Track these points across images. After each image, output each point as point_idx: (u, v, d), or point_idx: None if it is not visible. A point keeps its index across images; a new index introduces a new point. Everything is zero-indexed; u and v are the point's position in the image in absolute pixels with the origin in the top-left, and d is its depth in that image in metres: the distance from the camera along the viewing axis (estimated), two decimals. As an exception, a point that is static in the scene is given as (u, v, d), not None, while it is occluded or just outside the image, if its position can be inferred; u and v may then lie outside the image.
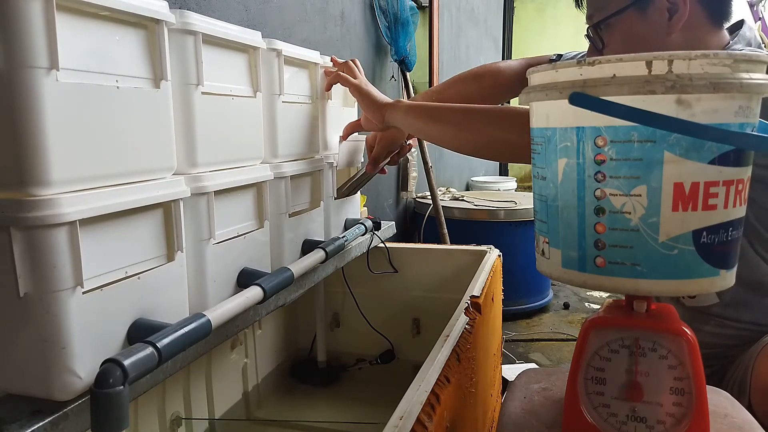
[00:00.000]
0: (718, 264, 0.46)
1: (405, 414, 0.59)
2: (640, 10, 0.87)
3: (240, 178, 0.78)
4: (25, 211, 0.48)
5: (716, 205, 0.43)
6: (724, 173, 0.43)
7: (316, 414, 1.26)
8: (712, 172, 0.43)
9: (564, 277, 0.50)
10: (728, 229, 0.45)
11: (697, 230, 0.44)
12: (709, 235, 0.44)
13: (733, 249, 0.46)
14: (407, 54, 2.33)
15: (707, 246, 0.44)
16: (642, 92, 0.41)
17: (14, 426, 0.47)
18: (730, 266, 0.47)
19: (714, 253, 0.45)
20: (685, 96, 0.42)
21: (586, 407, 0.61)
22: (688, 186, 0.43)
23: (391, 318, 1.41)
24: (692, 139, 0.42)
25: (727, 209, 0.44)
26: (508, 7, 5.93)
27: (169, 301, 0.65)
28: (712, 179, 0.43)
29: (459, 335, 0.81)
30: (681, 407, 0.58)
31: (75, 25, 0.52)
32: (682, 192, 0.43)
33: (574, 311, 2.97)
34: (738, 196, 0.45)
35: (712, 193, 0.43)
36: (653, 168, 0.43)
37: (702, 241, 0.44)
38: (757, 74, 0.42)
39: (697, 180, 0.43)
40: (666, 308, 0.63)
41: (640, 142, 0.43)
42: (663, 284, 0.47)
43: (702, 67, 0.41)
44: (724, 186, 0.43)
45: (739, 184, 0.44)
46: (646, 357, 0.59)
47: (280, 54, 0.87)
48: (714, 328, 0.97)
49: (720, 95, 0.42)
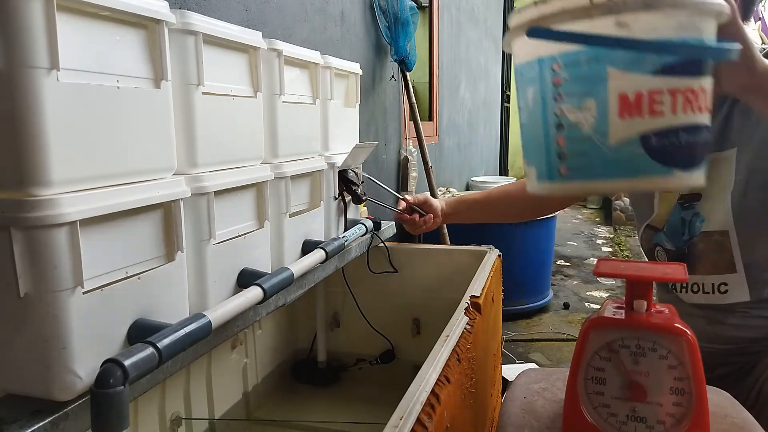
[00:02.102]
0: (670, 163, 0.50)
1: (405, 414, 0.59)
2: None
3: (240, 178, 0.78)
4: (25, 211, 0.48)
5: (663, 111, 0.49)
6: (668, 82, 0.48)
7: (316, 414, 1.26)
8: (655, 82, 0.48)
9: (540, 190, 0.55)
10: (678, 132, 0.49)
11: (644, 134, 0.49)
12: (657, 137, 0.49)
13: (687, 151, 0.50)
14: (407, 54, 2.33)
15: (656, 148, 0.49)
16: (585, 18, 0.47)
17: (14, 426, 0.47)
18: (686, 166, 0.51)
19: (665, 154, 0.49)
20: (622, 18, 0.47)
21: (586, 407, 0.61)
22: (633, 95, 0.48)
23: (391, 318, 1.41)
24: (633, 55, 0.48)
25: (676, 114, 0.49)
26: (508, 7, 5.93)
27: (170, 301, 0.65)
28: (656, 88, 0.48)
29: (459, 335, 0.81)
30: (681, 407, 0.58)
31: (75, 25, 0.52)
32: (626, 101, 0.48)
33: (574, 311, 2.97)
34: (689, 103, 0.49)
35: (657, 100, 0.48)
36: (599, 83, 0.49)
37: (651, 144, 0.49)
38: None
39: (641, 90, 0.48)
40: (666, 308, 0.63)
41: (587, 62, 0.49)
42: (618, 183, 0.52)
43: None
44: (670, 94, 0.48)
45: (688, 92, 0.49)
46: (646, 357, 0.59)
47: (280, 54, 0.87)
48: (738, 320, 0.97)
49: (656, 14, 0.47)
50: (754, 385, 0.94)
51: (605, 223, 5.54)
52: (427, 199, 1.25)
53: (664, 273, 0.62)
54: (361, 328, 1.39)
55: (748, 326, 0.96)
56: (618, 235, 4.91)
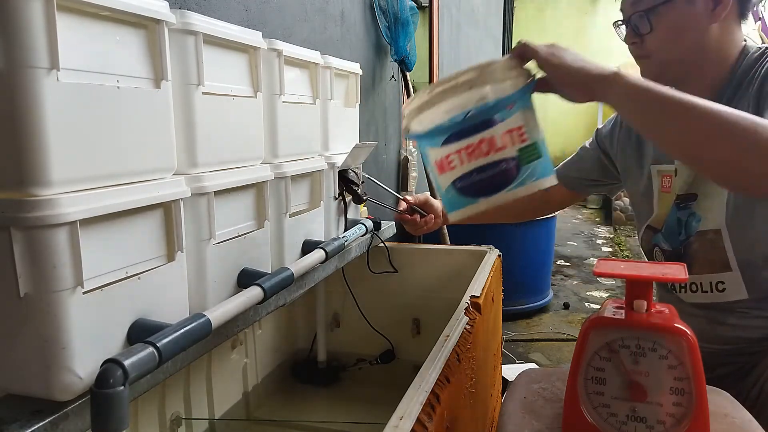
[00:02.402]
0: (474, 195, 0.73)
1: (405, 414, 0.59)
2: (688, 0, 0.92)
3: (240, 178, 0.78)
4: (25, 211, 0.48)
5: (455, 166, 0.73)
6: (452, 147, 0.72)
7: (316, 414, 1.26)
8: (445, 150, 0.73)
9: (450, 218, 0.78)
10: (470, 176, 0.72)
11: (453, 181, 0.73)
12: (459, 181, 0.73)
13: (476, 188, 0.72)
14: (407, 54, 2.32)
15: (460, 188, 0.73)
16: (431, 106, 0.73)
17: (14, 426, 0.47)
18: (487, 194, 0.72)
19: (467, 190, 0.73)
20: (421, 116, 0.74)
21: (586, 407, 0.61)
22: (439, 161, 0.74)
23: (391, 318, 1.41)
24: (430, 138, 0.74)
25: (464, 165, 0.72)
26: (508, 7, 5.93)
27: (170, 301, 0.65)
28: (447, 153, 0.73)
29: (459, 335, 0.81)
30: (681, 407, 0.58)
31: (76, 25, 0.52)
32: (440, 164, 0.74)
33: (574, 311, 2.97)
34: (469, 156, 0.72)
35: (449, 160, 0.73)
36: (426, 157, 0.76)
37: (457, 186, 0.73)
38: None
39: (440, 156, 0.73)
40: (666, 308, 0.63)
41: (420, 146, 0.77)
42: (456, 213, 0.75)
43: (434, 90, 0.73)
44: (456, 154, 0.72)
45: (469, 147, 0.71)
46: (646, 357, 0.59)
47: (280, 54, 0.87)
48: (738, 320, 0.97)
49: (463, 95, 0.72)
50: (754, 385, 0.94)
51: (605, 223, 5.54)
52: (427, 200, 1.25)
53: (664, 273, 0.62)
54: (361, 328, 1.39)
55: (748, 326, 0.96)
56: (618, 235, 4.91)
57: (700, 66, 0.96)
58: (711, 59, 0.95)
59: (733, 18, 0.95)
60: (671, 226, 1.05)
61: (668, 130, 0.73)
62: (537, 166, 0.72)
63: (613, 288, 3.38)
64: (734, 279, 0.96)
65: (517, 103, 0.71)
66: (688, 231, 1.01)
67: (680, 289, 1.04)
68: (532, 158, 0.72)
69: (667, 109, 0.71)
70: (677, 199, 1.03)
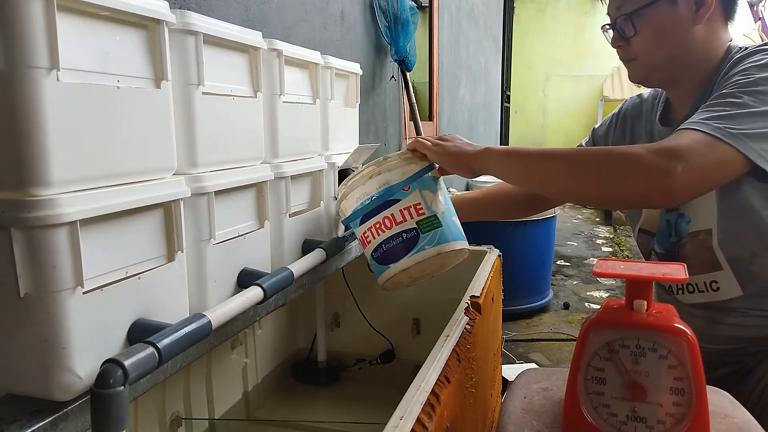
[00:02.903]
0: (385, 263, 0.87)
1: (405, 414, 0.59)
2: (672, 2, 0.94)
3: (240, 178, 0.78)
4: (25, 211, 0.48)
5: (371, 240, 0.88)
6: (366, 225, 0.89)
7: (316, 414, 1.26)
8: (362, 228, 0.89)
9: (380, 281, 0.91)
10: (380, 247, 0.87)
11: (371, 253, 0.89)
12: (374, 252, 0.88)
13: (386, 256, 0.87)
14: (407, 54, 2.33)
15: (375, 258, 0.89)
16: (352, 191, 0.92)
17: (14, 426, 0.47)
18: (394, 261, 0.86)
19: (380, 259, 0.88)
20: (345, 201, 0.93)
21: (586, 407, 0.61)
22: (361, 238, 0.91)
23: (391, 318, 1.41)
24: (352, 220, 0.91)
25: (376, 239, 0.87)
26: (508, 7, 5.94)
27: (170, 301, 0.65)
28: (364, 231, 0.89)
29: (459, 335, 0.81)
30: (681, 407, 0.58)
31: (76, 25, 0.52)
32: (362, 240, 0.91)
33: (574, 311, 2.98)
34: (378, 231, 0.87)
35: (366, 235, 0.89)
36: (355, 232, 0.92)
37: (374, 256, 0.89)
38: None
39: (360, 234, 0.91)
40: (666, 308, 0.63)
41: (352, 224, 0.93)
42: (380, 279, 0.89)
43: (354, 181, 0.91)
44: (369, 231, 0.88)
45: (377, 224, 0.87)
46: (646, 357, 0.59)
47: (280, 54, 0.87)
48: (737, 319, 0.97)
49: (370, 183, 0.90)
50: (756, 386, 0.94)
51: (605, 223, 5.54)
52: None
53: (664, 273, 0.62)
54: (361, 328, 1.39)
55: (748, 326, 0.96)
56: (618, 235, 4.91)
57: (686, 67, 0.97)
58: (696, 60, 0.96)
59: (718, 19, 0.96)
60: (662, 230, 1.05)
61: (538, 180, 0.87)
62: (436, 234, 0.85)
63: (613, 288, 3.38)
64: (726, 277, 0.96)
65: (413, 185, 0.87)
66: (678, 233, 1.02)
67: (678, 290, 1.04)
68: (432, 227, 0.85)
69: (533, 165, 0.86)
70: None
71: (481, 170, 0.89)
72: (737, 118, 0.79)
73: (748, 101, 0.80)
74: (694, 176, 0.75)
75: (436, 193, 0.89)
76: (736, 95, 0.82)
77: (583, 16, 6.85)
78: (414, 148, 0.92)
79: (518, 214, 1.39)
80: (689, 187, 0.76)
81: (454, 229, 0.89)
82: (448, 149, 0.90)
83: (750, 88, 0.82)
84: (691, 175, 0.74)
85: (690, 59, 0.96)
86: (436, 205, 0.87)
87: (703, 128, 0.78)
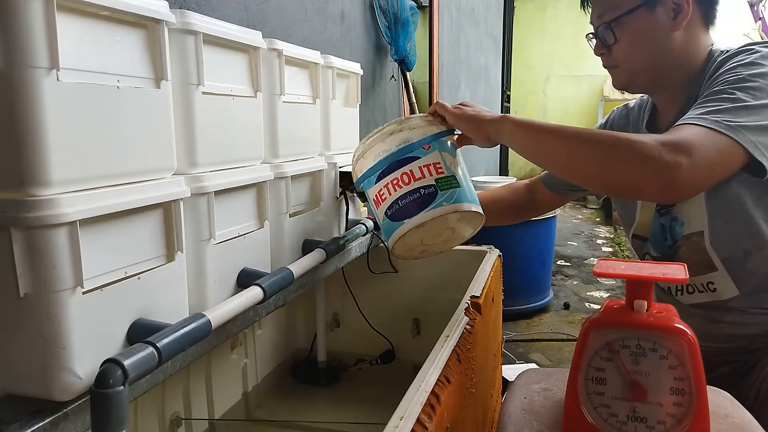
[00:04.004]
0: (399, 218, 0.85)
1: (405, 414, 0.59)
2: (650, 9, 0.95)
3: (240, 178, 0.78)
4: (25, 211, 0.48)
5: (386, 198, 0.86)
6: (382, 183, 0.87)
7: (316, 414, 1.26)
8: (378, 186, 0.87)
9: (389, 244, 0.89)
10: (396, 203, 0.85)
11: (385, 210, 0.86)
12: (388, 210, 0.86)
13: (402, 212, 0.84)
14: (407, 54, 2.32)
15: (389, 215, 0.86)
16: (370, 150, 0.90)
17: (14, 426, 0.47)
18: (410, 216, 0.84)
19: (394, 216, 0.85)
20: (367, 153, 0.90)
21: (586, 407, 0.61)
22: (375, 197, 0.88)
23: (391, 318, 1.41)
24: (367, 178, 0.89)
25: (392, 195, 0.85)
26: (508, 7, 5.93)
27: (169, 301, 0.65)
28: (380, 188, 0.87)
29: (459, 335, 0.81)
30: (681, 407, 0.58)
31: (75, 25, 0.52)
32: (376, 199, 0.88)
33: (574, 311, 2.98)
34: (395, 187, 0.85)
35: (381, 193, 0.87)
36: (369, 199, 0.90)
37: (387, 214, 0.86)
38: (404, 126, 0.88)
39: (375, 193, 0.88)
40: (666, 308, 0.63)
41: (360, 186, 0.92)
42: (390, 240, 0.86)
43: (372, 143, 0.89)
44: (384, 187, 0.86)
45: (394, 180, 0.85)
46: (647, 357, 0.59)
47: (280, 54, 0.87)
48: (736, 317, 0.97)
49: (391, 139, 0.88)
50: (753, 384, 0.94)
51: (605, 223, 5.54)
52: None
53: (665, 273, 0.62)
54: (361, 328, 1.39)
55: (748, 323, 0.96)
56: (618, 235, 4.91)
57: (668, 73, 0.98)
58: (678, 65, 0.97)
59: (697, 24, 0.97)
60: (656, 233, 1.06)
61: (548, 156, 0.84)
62: (455, 193, 0.85)
63: (614, 288, 3.38)
64: (722, 277, 0.96)
65: (433, 144, 0.87)
66: (673, 236, 1.02)
67: (677, 291, 1.04)
68: (450, 186, 0.85)
69: (545, 139, 0.83)
70: (657, 206, 1.04)
71: (495, 138, 0.88)
72: (733, 111, 0.79)
73: (741, 96, 0.81)
74: (698, 172, 0.74)
75: (456, 158, 0.89)
76: (728, 91, 0.83)
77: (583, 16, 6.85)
78: (435, 111, 0.92)
79: (511, 219, 1.39)
80: (692, 182, 0.75)
81: (471, 194, 0.88)
82: (467, 113, 0.89)
83: (741, 84, 0.83)
84: (695, 171, 0.74)
85: (671, 65, 0.97)
86: (455, 168, 0.87)
87: (702, 122, 0.78)
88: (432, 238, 0.90)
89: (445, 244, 0.95)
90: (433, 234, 0.88)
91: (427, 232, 0.86)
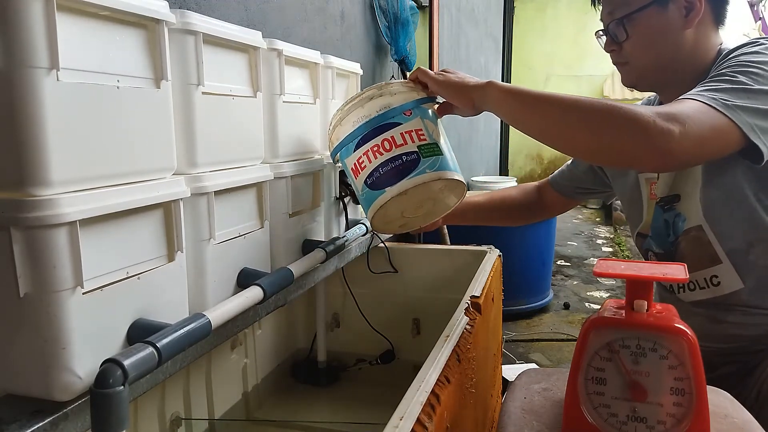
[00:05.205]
0: (380, 187, 0.82)
1: (405, 414, 0.59)
2: (662, 7, 0.95)
3: (240, 178, 0.78)
4: (25, 211, 0.48)
5: (366, 166, 0.83)
6: (361, 151, 0.83)
7: (316, 414, 1.26)
8: (356, 154, 0.84)
9: (368, 215, 0.86)
10: (377, 171, 0.82)
11: (365, 179, 0.83)
12: (368, 179, 0.83)
13: (382, 180, 0.81)
14: (407, 54, 2.32)
15: (368, 184, 0.83)
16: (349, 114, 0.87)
17: (14, 426, 0.47)
18: (391, 184, 0.81)
19: (375, 184, 0.82)
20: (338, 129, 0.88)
21: (586, 407, 0.61)
22: (353, 166, 0.85)
23: (391, 318, 1.41)
24: (344, 146, 0.86)
25: (372, 163, 0.82)
26: (508, 7, 5.93)
27: (169, 301, 0.65)
28: (358, 156, 0.84)
29: (459, 335, 0.81)
30: (681, 407, 0.58)
31: (75, 25, 0.52)
32: (355, 168, 0.85)
33: (574, 311, 2.97)
34: (375, 154, 0.82)
35: (361, 162, 0.84)
36: (347, 168, 0.87)
37: (367, 182, 0.83)
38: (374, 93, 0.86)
39: (353, 161, 0.85)
40: (666, 308, 0.63)
41: (339, 156, 0.89)
42: (370, 210, 0.83)
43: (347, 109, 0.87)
44: (365, 155, 0.83)
45: (374, 147, 0.82)
46: (647, 357, 0.59)
47: (280, 54, 0.87)
48: (739, 318, 0.97)
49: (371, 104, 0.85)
50: (754, 385, 0.94)
51: (605, 223, 5.54)
52: None
53: (665, 273, 0.62)
54: (361, 328, 1.39)
55: (749, 323, 0.96)
56: (618, 235, 4.91)
57: (677, 71, 0.98)
58: (687, 64, 0.97)
59: (708, 23, 0.97)
60: (659, 229, 1.06)
61: (536, 123, 0.81)
62: (438, 160, 0.82)
63: (614, 288, 3.38)
64: (726, 270, 0.96)
65: (414, 110, 0.84)
66: (675, 231, 1.02)
67: (679, 289, 1.04)
68: (433, 153, 0.82)
69: (533, 105, 0.80)
70: (660, 202, 1.04)
71: (481, 105, 0.85)
72: (732, 92, 0.80)
73: (744, 80, 0.82)
74: (689, 142, 0.74)
75: (437, 126, 0.86)
76: (730, 74, 0.84)
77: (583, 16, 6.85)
78: (416, 78, 0.89)
79: (518, 222, 1.39)
80: (684, 152, 0.75)
81: (453, 163, 0.86)
82: (450, 79, 0.87)
83: (744, 68, 0.84)
84: (686, 141, 0.74)
85: (681, 62, 0.97)
86: (437, 136, 0.85)
87: (699, 98, 0.79)
88: (413, 210, 0.88)
89: (425, 218, 0.94)
90: (414, 205, 0.87)
91: (409, 201, 0.84)
